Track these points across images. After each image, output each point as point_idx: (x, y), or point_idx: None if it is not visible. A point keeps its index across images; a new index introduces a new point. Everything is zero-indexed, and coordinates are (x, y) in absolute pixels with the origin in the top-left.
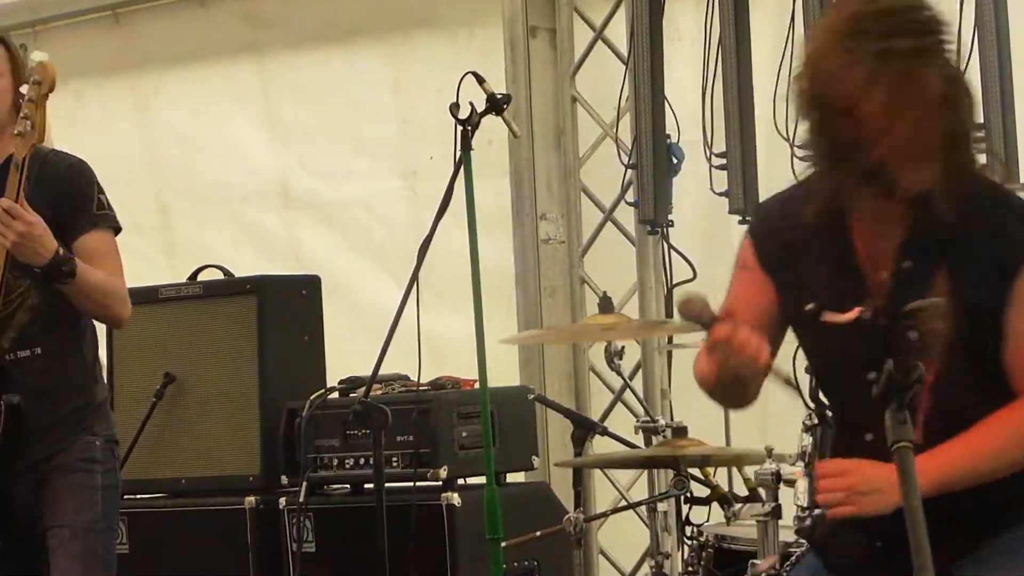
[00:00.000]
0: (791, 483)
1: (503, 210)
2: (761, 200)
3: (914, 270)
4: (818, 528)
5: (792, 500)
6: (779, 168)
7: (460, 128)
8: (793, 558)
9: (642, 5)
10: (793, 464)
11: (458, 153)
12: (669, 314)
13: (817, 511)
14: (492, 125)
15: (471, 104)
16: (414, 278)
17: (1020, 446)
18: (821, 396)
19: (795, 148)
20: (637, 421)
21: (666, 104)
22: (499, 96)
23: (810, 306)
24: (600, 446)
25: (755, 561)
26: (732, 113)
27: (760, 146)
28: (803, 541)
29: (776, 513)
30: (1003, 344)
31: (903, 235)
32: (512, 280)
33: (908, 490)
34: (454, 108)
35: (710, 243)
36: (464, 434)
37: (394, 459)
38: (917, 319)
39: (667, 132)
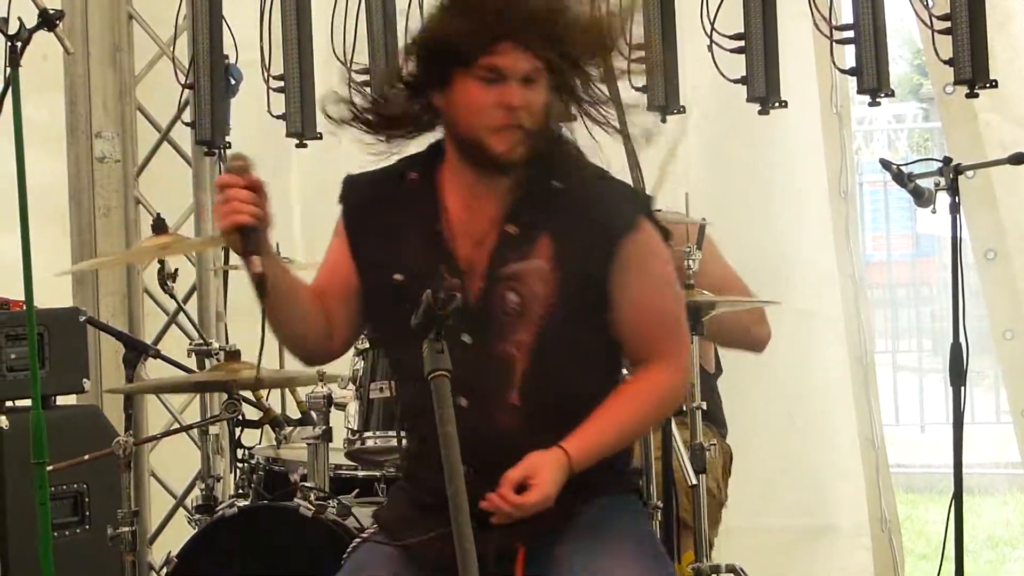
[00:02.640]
0: (342, 406)
1: (58, 127)
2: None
3: (518, 236)
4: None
5: (343, 423)
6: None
7: (8, 44)
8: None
9: None
10: (344, 387)
11: (7, 69)
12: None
13: None
14: (47, 40)
15: (20, 19)
16: None
17: (656, 417)
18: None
19: (352, 72)
20: (191, 344)
21: (224, 23)
22: (52, 12)
23: (398, 277)
24: (153, 369)
25: (304, 484)
26: (290, 35)
27: (317, 70)
28: (352, 463)
29: (327, 436)
30: (609, 313)
31: (509, 202)
32: (66, 199)
33: (443, 415)
34: (2, 23)
35: (267, 166)
36: (12, 356)
37: None
38: (517, 282)
39: (225, 52)
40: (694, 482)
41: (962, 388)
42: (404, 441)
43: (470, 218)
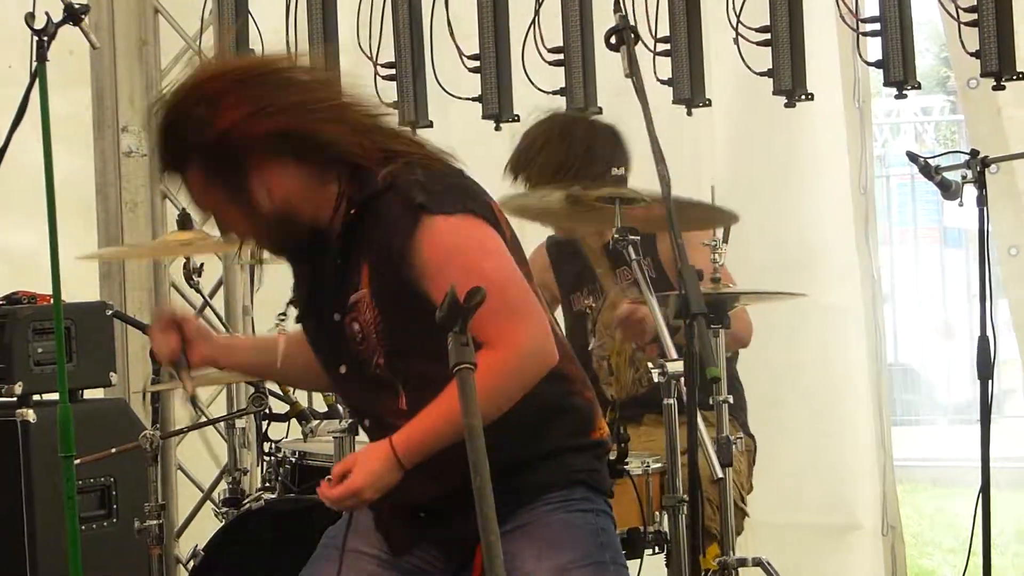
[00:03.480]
0: None
1: (85, 122)
2: None
3: (345, 267)
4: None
5: None
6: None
7: (35, 38)
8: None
9: None
10: None
11: (34, 64)
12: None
13: None
14: (74, 35)
15: (47, 14)
16: None
17: (495, 398)
18: None
19: (378, 67)
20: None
21: (249, 17)
22: (77, 6)
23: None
24: None
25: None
26: (316, 30)
27: (342, 63)
28: None
29: (353, 429)
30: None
31: (335, 236)
32: (93, 193)
33: (469, 410)
34: (29, 18)
35: None
36: (40, 350)
37: None
38: (356, 311)
39: (250, 46)
40: (720, 475)
41: (990, 382)
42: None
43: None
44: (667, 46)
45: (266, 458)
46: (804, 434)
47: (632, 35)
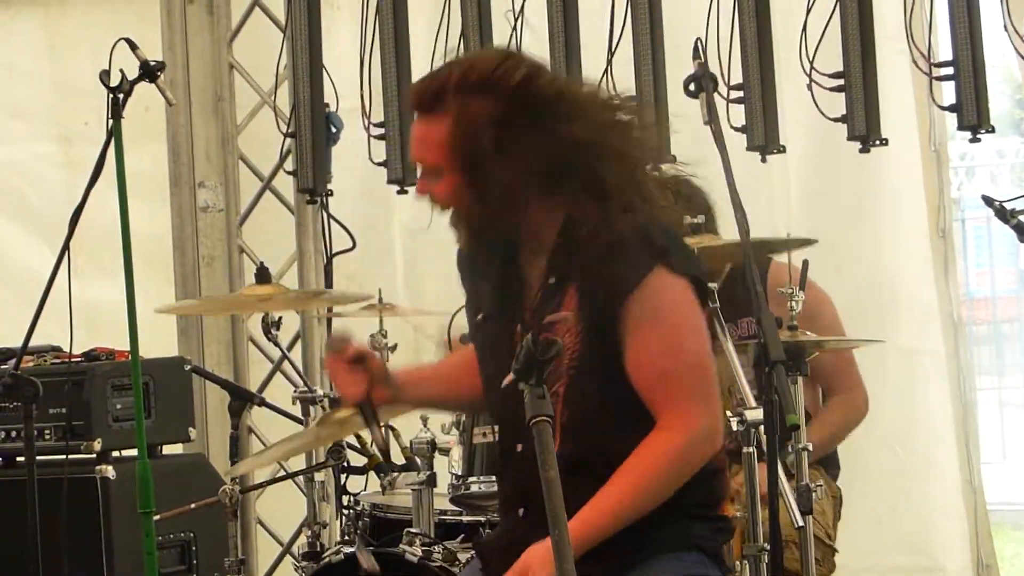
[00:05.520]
0: (446, 451)
1: (162, 177)
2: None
3: (554, 286)
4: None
5: (446, 468)
6: None
7: (111, 96)
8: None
9: None
10: (447, 433)
11: (110, 121)
12: (328, 284)
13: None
14: (150, 91)
15: (121, 71)
16: (65, 245)
17: (665, 483)
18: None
19: None
20: (295, 391)
21: (324, 72)
22: (152, 63)
23: (479, 316)
24: (259, 417)
25: (410, 530)
26: (390, 83)
27: None
28: (456, 509)
29: (431, 481)
30: (624, 364)
31: (550, 253)
32: (170, 248)
33: (545, 461)
34: (104, 76)
35: (369, 212)
36: (119, 406)
37: (47, 431)
38: (551, 331)
39: (325, 101)
40: (800, 523)
41: None
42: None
43: (532, 260)
44: (740, 93)
45: (345, 511)
46: (887, 477)
47: (711, 82)
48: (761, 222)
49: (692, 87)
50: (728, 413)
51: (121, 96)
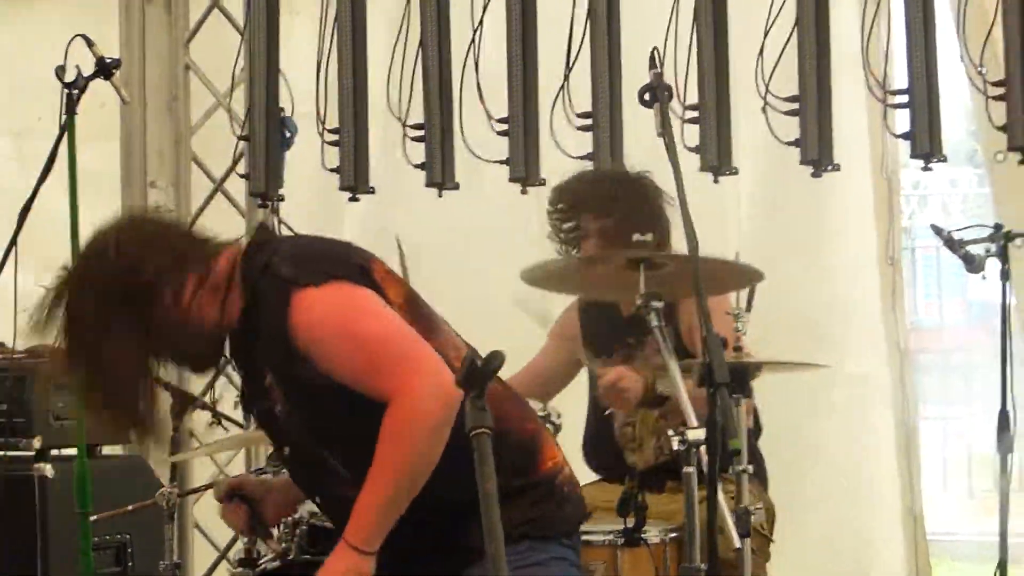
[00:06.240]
0: None
1: (113, 175)
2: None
3: (251, 375)
4: None
5: None
6: (392, 145)
7: (65, 91)
8: None
9: None
10: None
11: (63, 117)
12: None
13: None
14: (106, 88)
15: (77, 68)
16: (13, 240)
17: (413, 451)
18: None
19: (407, 128)
20: (238, 395)
21: (281, 77)
22: (108, 60)
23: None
24: (201, 420)
25: None
26: (346, 89)
27: (373, 125)
28: None
29: None
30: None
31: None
32: None
33: (484, 474)
34: (60, 71)
35: (321, 218)
36: (60, 404)
37: None
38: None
39: (281, 105)
40: (738, 546)
41: (1009, 456)
42: None
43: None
44: (695, 113)
45: (283, 519)
46: (829, 503)
47: (666, 93)
48: (710, 242)
49: (647, 97)
50: (670, 432)
51: (76, 92)
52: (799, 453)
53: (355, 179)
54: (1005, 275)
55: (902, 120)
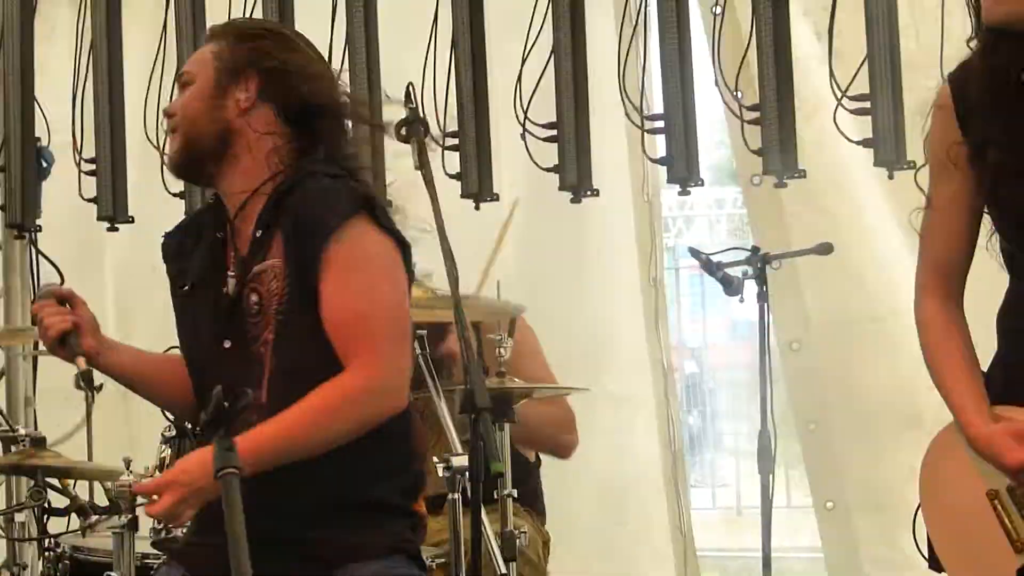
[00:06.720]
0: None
1: None
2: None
3: (261, 238)
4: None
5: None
6: (150, 176)
7: None
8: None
9: (12, 3)
10: (152, 476)
11: None
12: (34, 321)
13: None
14: None
15: None
16: None
17: (342, 420)
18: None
19: (165, 157)
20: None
21: (36, 106)
22: None
23: (185, 286)
24: None
25: (110, 573)
26: (102, 118)
27: (131, 154)
28: (161, 552)
29: (133, 525)
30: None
31: (260, 209)
32: None
33: (232, 517)
34: None
35: (78, 249)
36: None
37: None
38: (258, 282)
39: (37, 135)
40: (504, 571)
41: (771, 474)
42: None
43: (242, 227)
44: (455, 140)
45: (46, 553)
46: (596, 523)
47: (422, 128)
48: (473, 270)
49: (404, 132)
50: (435, 459)
51: None
52: (567, 473)
53: (113, 208)
54: (763, 297)
55: (661, 144)
